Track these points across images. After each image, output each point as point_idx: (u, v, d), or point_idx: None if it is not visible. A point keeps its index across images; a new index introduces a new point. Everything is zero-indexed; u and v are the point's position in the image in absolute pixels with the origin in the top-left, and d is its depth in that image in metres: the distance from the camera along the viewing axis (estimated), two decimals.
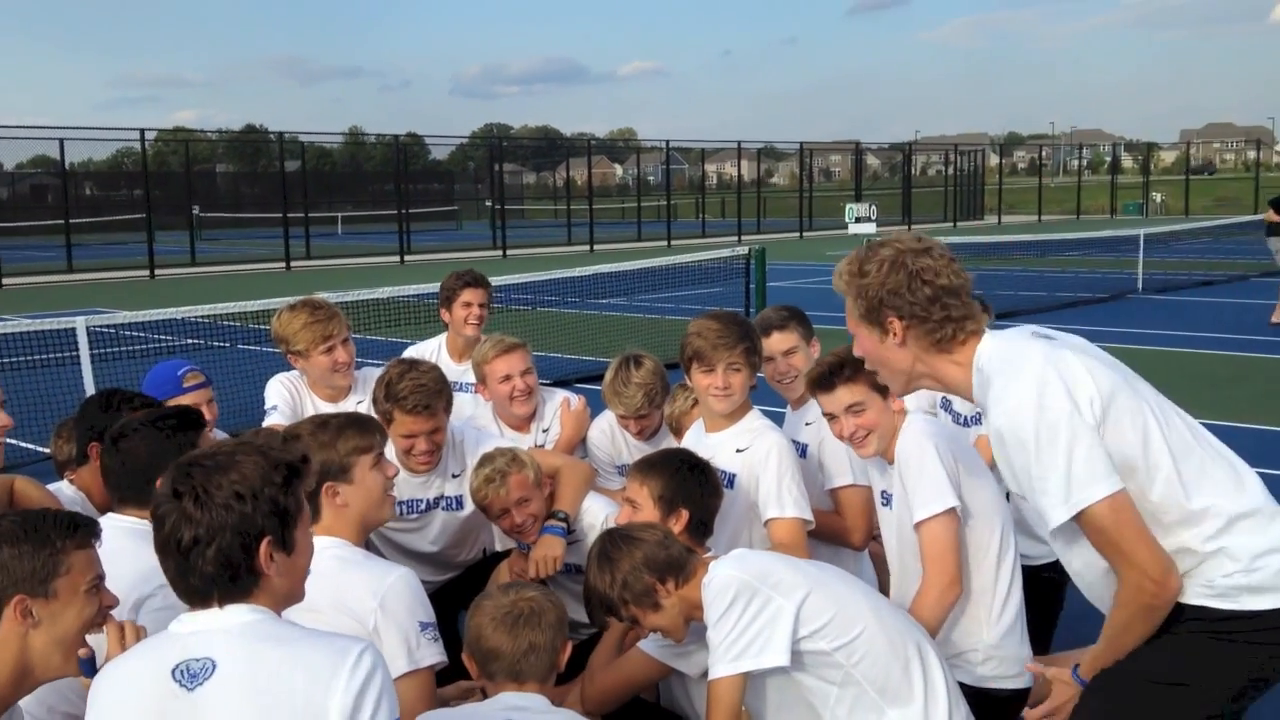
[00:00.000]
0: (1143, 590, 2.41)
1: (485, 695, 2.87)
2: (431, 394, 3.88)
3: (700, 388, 3.73)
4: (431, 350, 5.49)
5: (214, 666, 2.02)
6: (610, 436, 4.56)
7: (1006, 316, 15.53)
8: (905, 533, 3.36)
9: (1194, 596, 2.46)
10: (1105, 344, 2.83)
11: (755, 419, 3.79)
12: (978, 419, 4.29)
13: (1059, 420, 2.40)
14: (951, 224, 44.09)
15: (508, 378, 4.49)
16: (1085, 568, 2.58)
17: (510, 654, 2.73)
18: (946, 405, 4.49)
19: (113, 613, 2.46)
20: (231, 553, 2.06)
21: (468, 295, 5.39)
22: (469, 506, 4.00)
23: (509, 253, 31.38)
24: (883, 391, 3.30)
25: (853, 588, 3.05)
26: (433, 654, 2.89)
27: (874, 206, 20.49)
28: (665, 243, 34.57)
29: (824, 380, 3.40)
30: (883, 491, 3.50)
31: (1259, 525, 2.48)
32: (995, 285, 17.70)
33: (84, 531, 2.38)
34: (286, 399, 4.60)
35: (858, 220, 20.19)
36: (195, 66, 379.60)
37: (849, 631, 2.84)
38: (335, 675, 2.01)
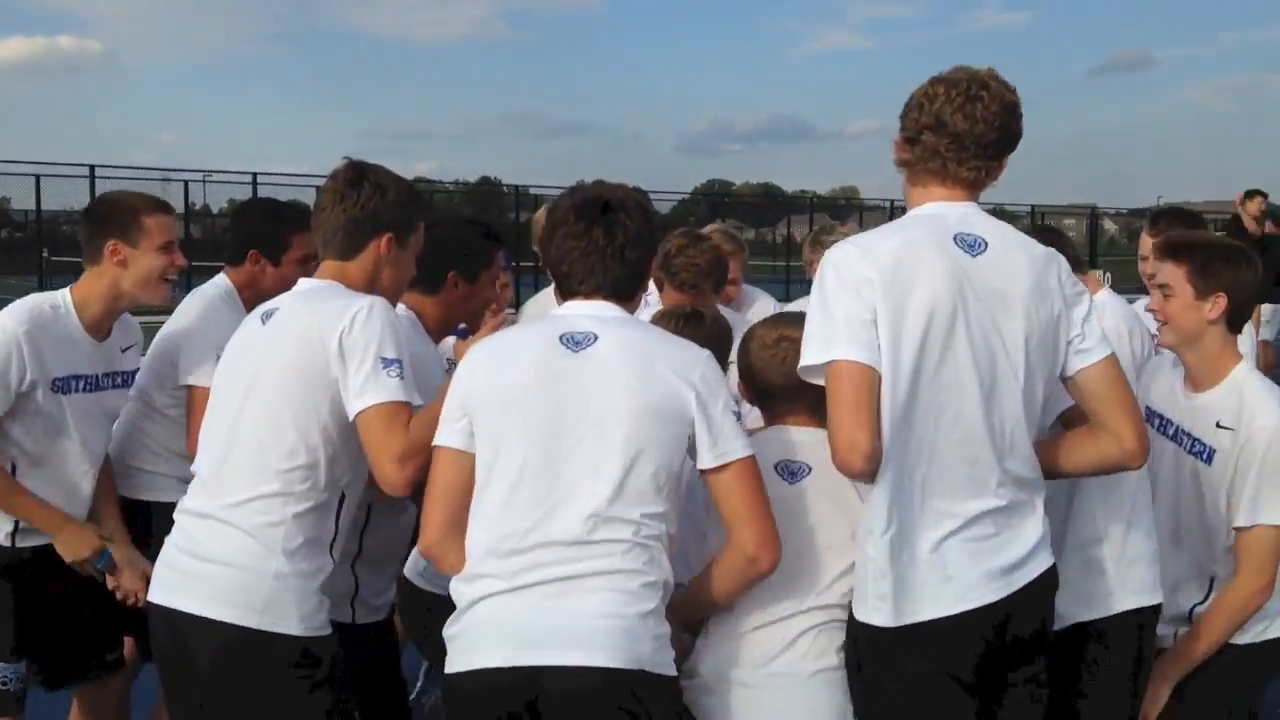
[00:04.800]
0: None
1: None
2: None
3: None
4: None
5: (596, 337, 2.43)
6: None
7: None
8: (1186, 483, 3.14)
9: None
10: None
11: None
12: None
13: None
14: None
15: None
16: None
17: (780, 389, 2.78)
18: None
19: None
20: (642, 262, 2.55)
21: None
22: None
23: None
24: (1199, 291, 3.05)
25: None
26: None
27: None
28: None
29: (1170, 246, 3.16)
30: (1194, 437, 3.12)
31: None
32: None
33: None
34: None
35: None
36: (438, 121, 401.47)
37: None
38: (696, 357, 2.46)
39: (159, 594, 2.71)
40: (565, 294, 2.56)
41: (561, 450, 2.37)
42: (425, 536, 2.51)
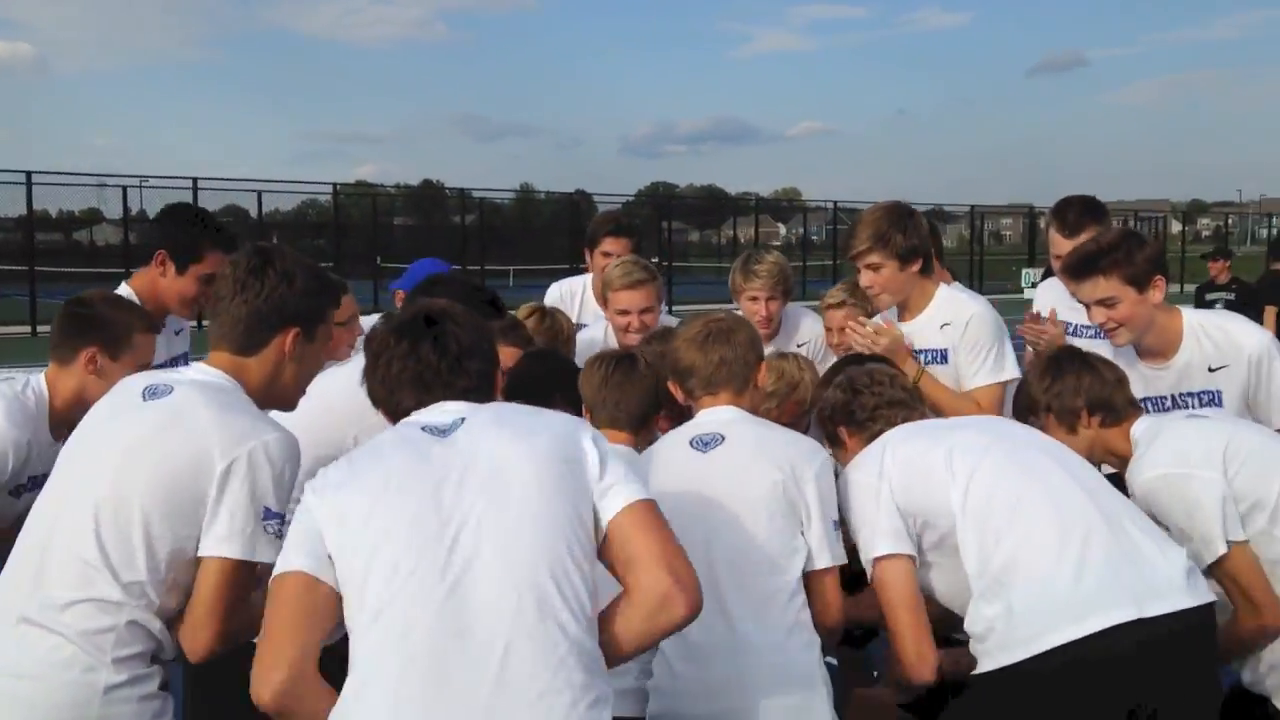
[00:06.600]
0: None
1: None
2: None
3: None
4: (576, 290, 5.00)
5: (464, 419, 2.19)
6: None
7: None
8: None
9: None
10: None
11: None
12: None
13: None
14: None
15: (625, 312, 4.19)
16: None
17: (703, 368, 2.84)
18: None
19: None
20: (488, 363, 2.34)
21: (609, 244, 4.71)
22: None
23: (674, 308, 31.49)
24: (1140, 285, 3.28)
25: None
26: None
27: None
28: None
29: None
30: (1193, 393, 3.35)
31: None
32: None
33: None
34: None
35: (1034, 285, 19.71)
36: (379, 123, 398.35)
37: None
38: (581, 428, 2.25)
39: None
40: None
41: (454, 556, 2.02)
42: (275, 675, 1.96)
